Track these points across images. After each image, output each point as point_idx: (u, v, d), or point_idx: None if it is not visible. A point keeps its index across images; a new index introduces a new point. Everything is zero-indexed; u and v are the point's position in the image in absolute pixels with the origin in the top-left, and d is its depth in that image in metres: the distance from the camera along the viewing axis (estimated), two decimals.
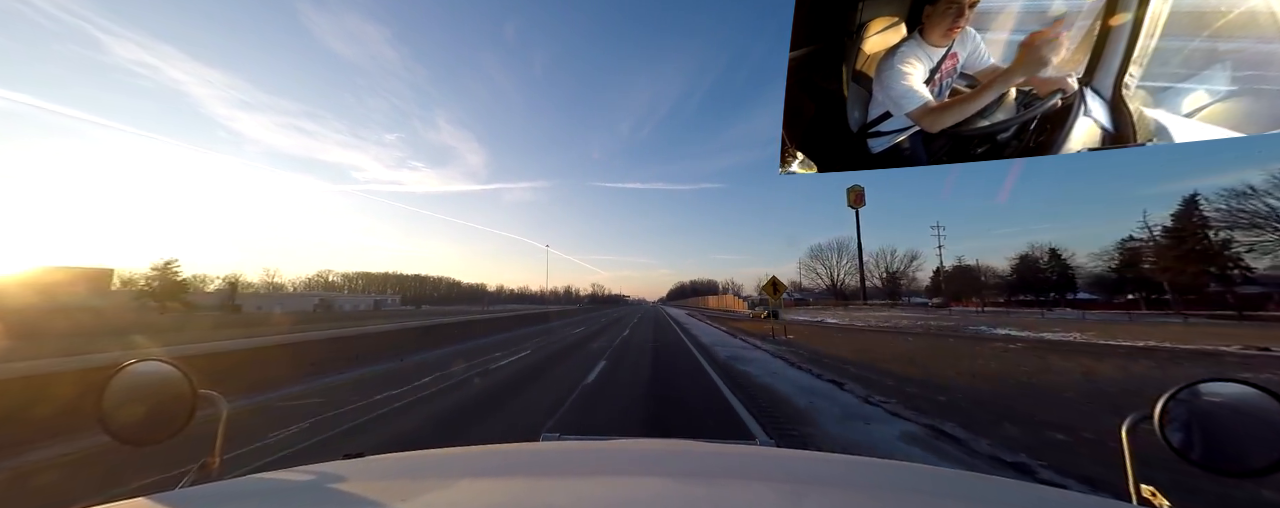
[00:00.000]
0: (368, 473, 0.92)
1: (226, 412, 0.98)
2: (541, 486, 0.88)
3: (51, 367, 5.66)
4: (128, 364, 0.93)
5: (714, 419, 5.65)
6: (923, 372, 8.74)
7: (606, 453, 1.17)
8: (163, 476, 3.55)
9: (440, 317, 26.49)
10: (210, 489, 0.82)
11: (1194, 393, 0.78)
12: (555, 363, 10.47)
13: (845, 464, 1.09)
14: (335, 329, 14.48)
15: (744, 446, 1.38)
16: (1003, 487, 0.92)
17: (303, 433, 4.98)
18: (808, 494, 0.84)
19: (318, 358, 9.70)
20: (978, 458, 4.17)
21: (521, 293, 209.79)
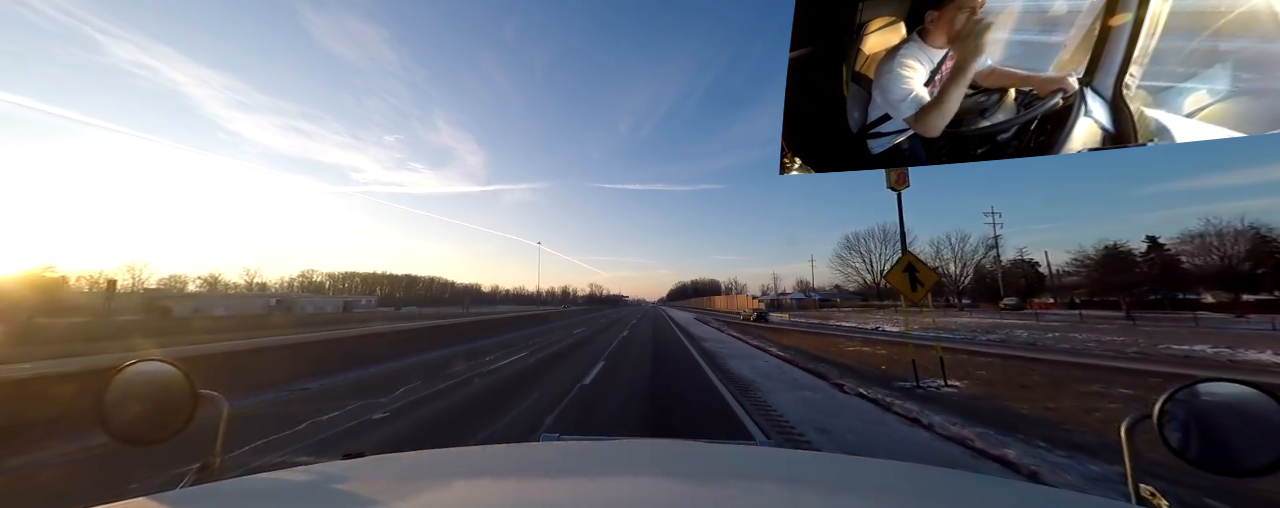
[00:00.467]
0: (368, 473, 0.92)
1: (227, 412, 0.98)
2: (541, 486, 0.88)
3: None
4: (128, 364, 0.93)
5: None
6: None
7: (606, 453, 1.17)
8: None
9: (407, 321, 21.97)
10: (210, 489, 0.83)
11: (1193, 393, 0.78)
12: (495, 404, 7.15)
13: (845, 464, 1.09)
14: (222, 342, 10.35)
15: (744, 446, 1.38)
16: (1003, 487, 0.92)
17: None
18: (808, 494, 0.84)
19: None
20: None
21: (516, 293, 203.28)
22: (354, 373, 10.13)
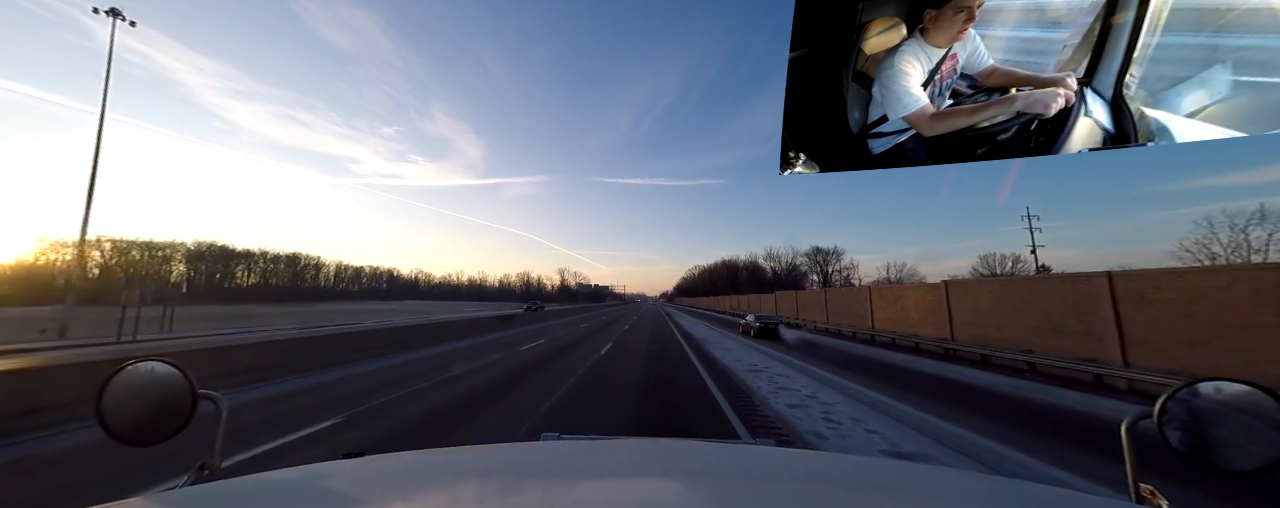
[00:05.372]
0: (368, 473, 0.92)
1: (227, 412, 0.98)
2: (542, 486, 0.88)
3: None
4: (127, 364, 0.93)
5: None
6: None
7: (606, 453, 1.17)
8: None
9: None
10: (210, 489, 0.82)
11: (1193, 392, 0.78)
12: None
13: (845, 464, 1.09)
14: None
15: (744, 445, 1.38)
16: (1003, 486, 0.92)
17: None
18: (808, 494, 0.84)
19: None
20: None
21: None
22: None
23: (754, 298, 49.76)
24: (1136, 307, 10.00)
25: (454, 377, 10.03)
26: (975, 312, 15.38)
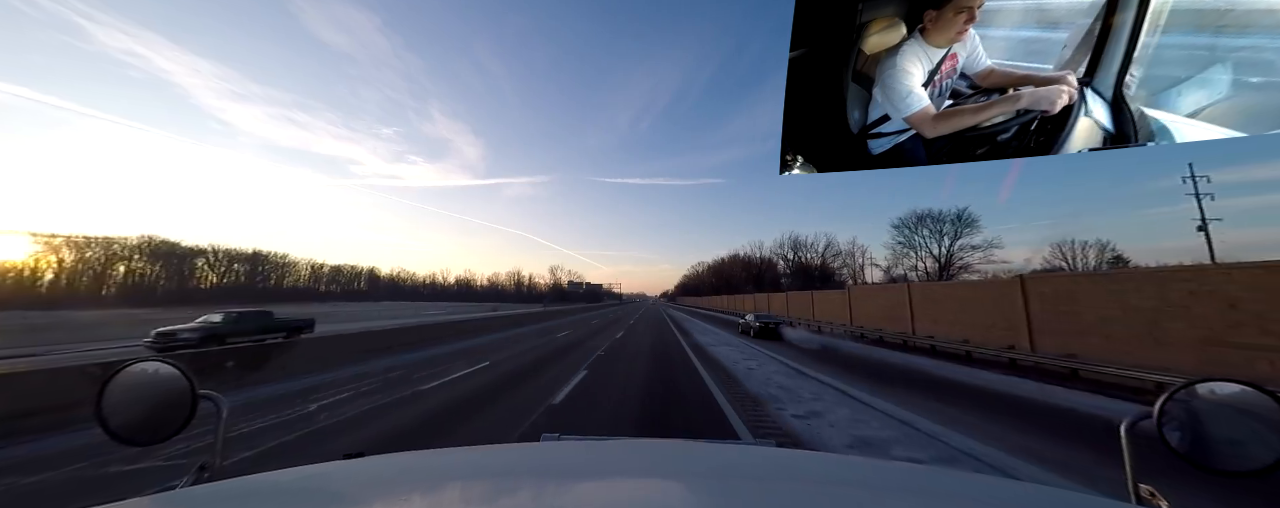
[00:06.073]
0: (367, 473, 0.92)
1: (227, 412, 0.98)
2: (542, 486, 0.88)
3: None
4: (127, 364, 0.93)
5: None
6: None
7: (606, 453, 1.17)
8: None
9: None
10: (210, 489, 0.83)
11: (1192, 393, 0.78)
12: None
13: (845, 464, 1.09)
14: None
15: (744, 445, 1.38)
16: (1003, 487, 0.92)
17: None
18: (808, 494, 0.84)
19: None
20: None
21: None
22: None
23: (762, 298, 46.43)
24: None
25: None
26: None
